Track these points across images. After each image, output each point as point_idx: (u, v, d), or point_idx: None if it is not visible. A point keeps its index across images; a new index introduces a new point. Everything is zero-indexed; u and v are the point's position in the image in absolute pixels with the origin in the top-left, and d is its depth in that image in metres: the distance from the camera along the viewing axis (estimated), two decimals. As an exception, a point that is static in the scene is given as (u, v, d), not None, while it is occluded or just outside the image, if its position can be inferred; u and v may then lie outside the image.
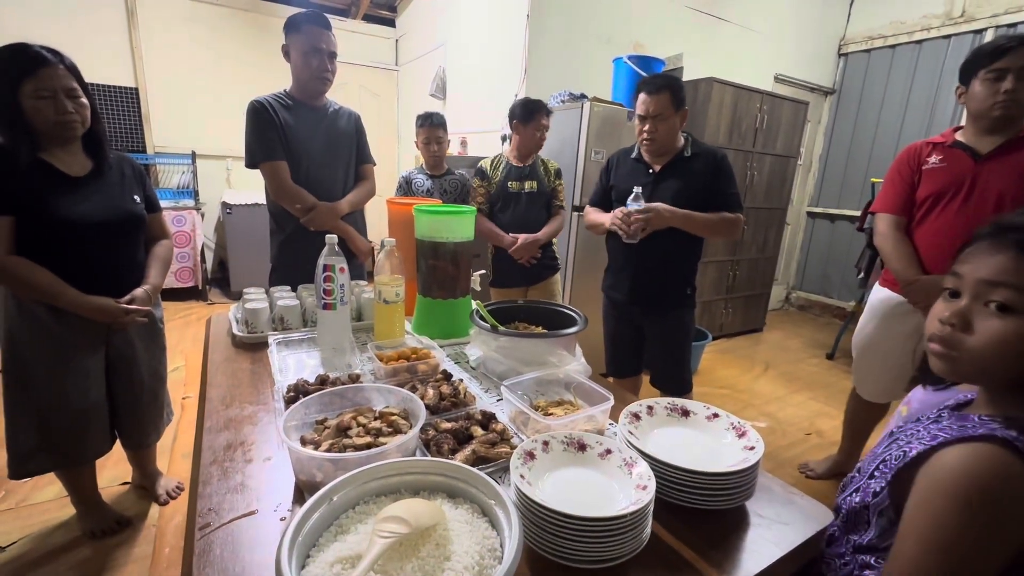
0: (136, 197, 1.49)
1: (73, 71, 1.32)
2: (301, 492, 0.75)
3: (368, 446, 0.76)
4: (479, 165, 2.29)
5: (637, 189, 1.70)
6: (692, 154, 1.70)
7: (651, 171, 1.74)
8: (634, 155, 1.81)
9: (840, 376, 3.32)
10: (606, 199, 1.87)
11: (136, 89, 4.05)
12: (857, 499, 0.66)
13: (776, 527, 0.72)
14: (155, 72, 4.08)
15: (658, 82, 1.64)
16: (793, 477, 2.14)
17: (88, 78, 1.38)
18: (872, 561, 0.63)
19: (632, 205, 1.67)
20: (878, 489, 0.63)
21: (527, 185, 2.20)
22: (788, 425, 2.62)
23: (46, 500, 1.73)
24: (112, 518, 1.63)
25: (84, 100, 1.34)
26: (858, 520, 0.66)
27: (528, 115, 2.13)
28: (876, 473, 0.65)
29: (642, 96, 1.66)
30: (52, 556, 1.51)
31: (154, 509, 1.74)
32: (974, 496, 0.51)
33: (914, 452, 0.59)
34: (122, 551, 1.54)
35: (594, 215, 1.85)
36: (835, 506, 0.70)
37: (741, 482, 0.71)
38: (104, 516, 1.62)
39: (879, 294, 1.84)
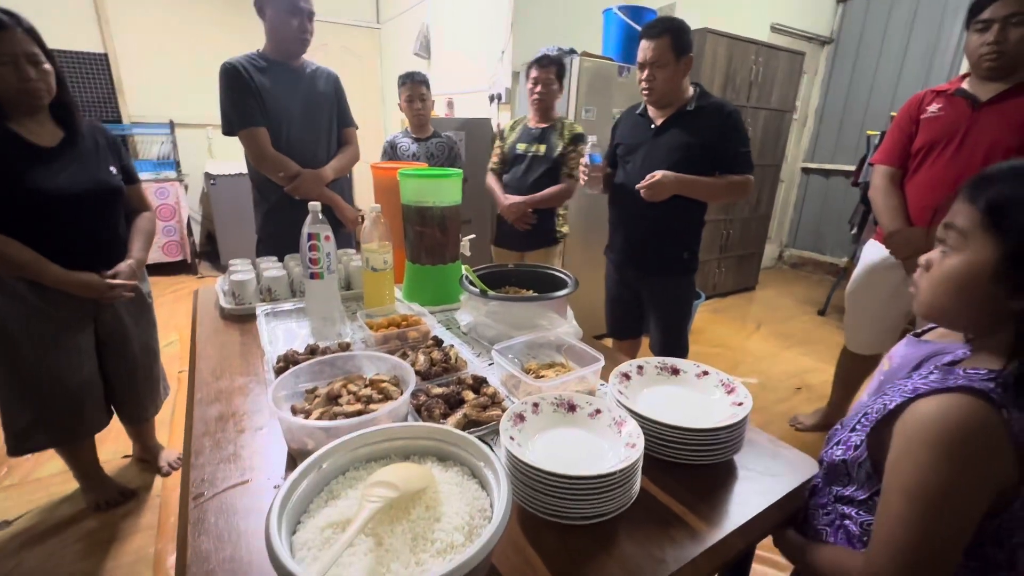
0: (112, 168, 1.44)
1: (32, 34, 1.25)
2: (294, 461, 0.75)
3: (359, 413, 0.77)
4: (501, 126, 2.28)
5: (592, 138, 1.67)
6: (697, 107, 1.59)
7: (652, 126, 1.66)
8: (639, 110, 1.74)
9: (831, 332, 3.36)
10: (614, 157, 1.82)
11: (105, 55, 3.86)
12: (839, 453, 0.67)
13: (764, 479, 0.73)
14: (125, 37, 3.87)
15: (658, 26, 1.54)
16: (783, 430, 2.20)
17: (51, 44, 1.29)
18: (852, 513, 0.64)
19: (588, 154, 1.65)
20: (858, 442, 0.65)
21: (534, 148, 2.12)
22: (779, 381, 2.67)
23: (49, 475, 1.75)
24: (116, 489, 1.66)
25: (47, 66, 1.27)
26: (839, 472, 0.67)
27: (527, 70, 2.07)
28: (858, 427, 0.66)
29: (642, 42, 1.57)
30: (59, 528, 1.54)
31: (158, 480, 1.77)
32: (951, 444, 0.52)
33: (893, 404, 0.60)
34: (128, 521, 1.57)
35: None
36: (819, 458, 0.72)
37: (729, 437, 0.72)
38: (108, 488, 1.65)
39: (872, 248, 1.83)
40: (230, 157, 4.27)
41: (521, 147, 2.15)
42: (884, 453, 0.59)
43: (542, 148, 2.11)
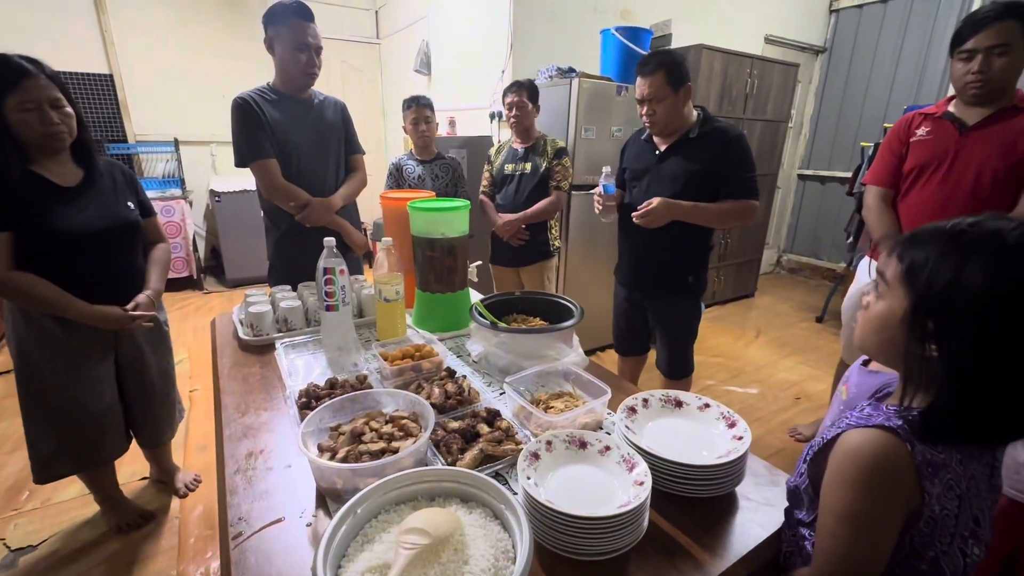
0: (130, 203, 1.50)
1: (55, 80, 1.30)
2: (323, 497, 0.80)
3: (382, 451, 0.82)
4: (489, 152, 2.41)
5: (606, 169, 1.72)
6: (700, 134, 1.61)
7: (656, 152, 1.70)
8: (644, 136, 1.77)
9: (829, 339, 3.42)
10: (623, 181, 1.87)
11: (111, 76, 3.92)
12: (792, 481, 0.75)
13: (762, 509, 0.78)
14: (129, 58, 3.94)
15: (652, 62, 1.57)
16: (782, 441, 2.25)
17: (59, 66, 1.35)
18: (807, 533, 0.72)
19: (602, 183, 1.70)
20: (802, 471, 0.73)
21: (520, 167, 2.24)
22: (779, 390, 2.72)
23: (70, 498, 1.80)
24: (136, 512, 1.71)
25: (69, 109, 1.33)
26: (795, 498, 0.75)
27: (502, 98, 2.20)
28: (806, 458, 0.73)
29: (638, 79, 1.61)
30: (82, 552, 1.59)
31: (175, 501, 1.81)
32: (865, 472, 0.61)
33: (829, 436, 0.68)
34: (149, 544, 1.62)
35: None
36: (785, 484, 0.78)
37: (731, 471, 0.77)
38: (128, 511, 1.70)
39: (867, 264, 1.89)
40: (234, 173, 4.33)
41: (509, 168, 2.27)
42: (820, 480, 0.66)
43: (528, 166, 2.23)
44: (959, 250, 0.58)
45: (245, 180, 3.87)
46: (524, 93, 2.16)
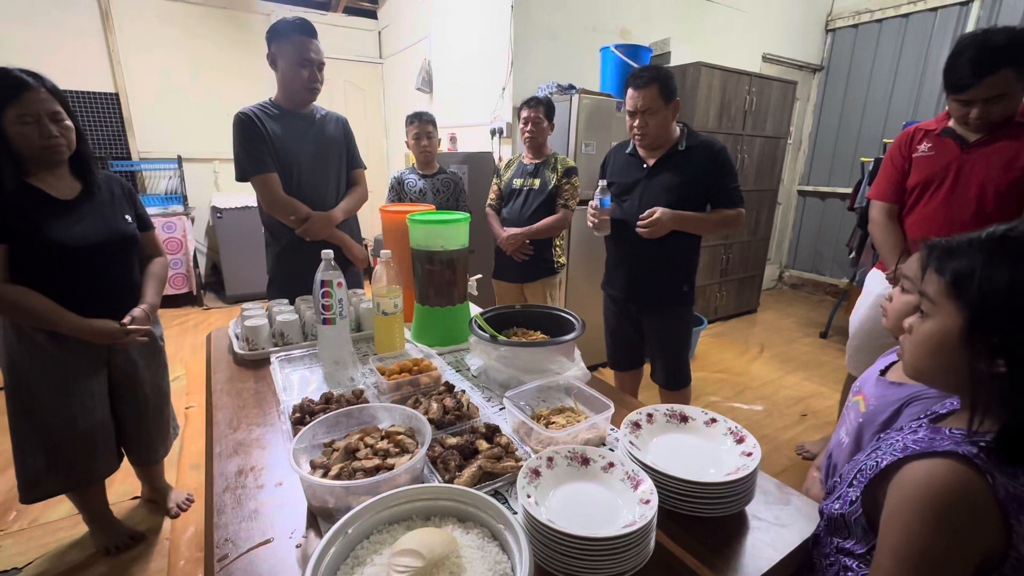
0: (128, 216, 1.49)
1: (55, 93, 1.31)
2: (314, 517, 0.77)
3: (377, 468, 0.78)
4: (502, 159, 2.39)
5: (602, 182, 1.73)
6: (687, 147, 1.67)
7: (645, 166, 1.73)
8: (628, 150, 1.80)
9: (833, 355, 3.37)
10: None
11: (116, 94, 3.97)
12: (837, 507, 0.69)
13: (774, 530, 0.75)
14: (134, 76, 4.00)
15: (645, 76, 1.61)
16: (790, 459, 2.20)
17: (66, 85, 1.36)
18: (854, 565, 0.66)
19: (598, 197, 1.70)
20: (854, 498, 0.67)
21: (529, 182, 2.23)
22: (784, 407, 2.68)
23: (58, 519, 1.75)
24: (125, 533, 1.66)
25: (69, 123, 1.33)
26: (839, 525, 0.69)
27: (518, 111, 2.18)
28: (854, 482, 0.68)
29: (630, 91, 1.64)
30: (69, 574, 1.53)
31: (166, 522, 1.76)
32: (938, 510, 0.54)
33: (885, 464, 0.62)
34: (138, 566, 1.57)
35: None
36: (820, 509, 0.74)
37: (740, 489, 0.73)
38: (117, 532, 1.65)
39: (875, 277, 1.86)
40: (236, 190, 4.35)
41: (517, 182, 2.26)
42: (878, 510, 0.61)
43: (536, 182, 2.22)
44: (1007, 256, 0.54)
45: (247, 196, 3.89)
46: (541, 109, 2.16)
